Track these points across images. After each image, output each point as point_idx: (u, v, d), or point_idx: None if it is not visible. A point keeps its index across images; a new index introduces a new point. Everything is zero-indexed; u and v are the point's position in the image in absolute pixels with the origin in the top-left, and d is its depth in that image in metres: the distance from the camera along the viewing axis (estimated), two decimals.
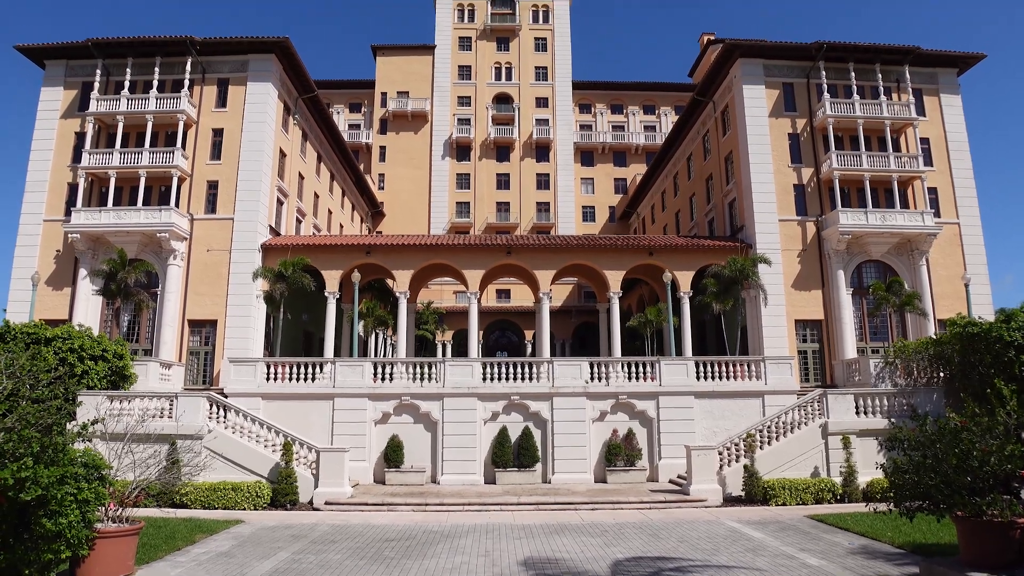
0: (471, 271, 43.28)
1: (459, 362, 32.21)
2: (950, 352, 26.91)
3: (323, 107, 53.09)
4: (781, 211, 42.72)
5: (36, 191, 41.55)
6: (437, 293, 70.20)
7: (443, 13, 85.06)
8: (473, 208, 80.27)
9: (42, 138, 42.45)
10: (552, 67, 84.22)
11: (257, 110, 42.78)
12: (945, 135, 44.95)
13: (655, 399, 31.29)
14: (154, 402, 26.96)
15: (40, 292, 38.59)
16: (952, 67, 46.02)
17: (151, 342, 39.95)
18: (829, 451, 27.18)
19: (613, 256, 43.73)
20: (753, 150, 43.36)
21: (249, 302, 39.93)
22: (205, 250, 40.76)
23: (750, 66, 44.71)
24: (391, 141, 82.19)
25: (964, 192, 43.90)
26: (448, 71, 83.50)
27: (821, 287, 41.88)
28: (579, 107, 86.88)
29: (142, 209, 39.82)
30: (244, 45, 43.19)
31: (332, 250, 43.00)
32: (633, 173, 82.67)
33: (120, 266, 36.31)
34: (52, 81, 43.50)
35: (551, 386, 31.27)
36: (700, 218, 53.87)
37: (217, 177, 41.99)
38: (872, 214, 41.09)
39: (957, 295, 40.98)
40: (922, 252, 41.77)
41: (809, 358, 41.39)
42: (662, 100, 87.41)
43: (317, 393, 31.13)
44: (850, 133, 44.22)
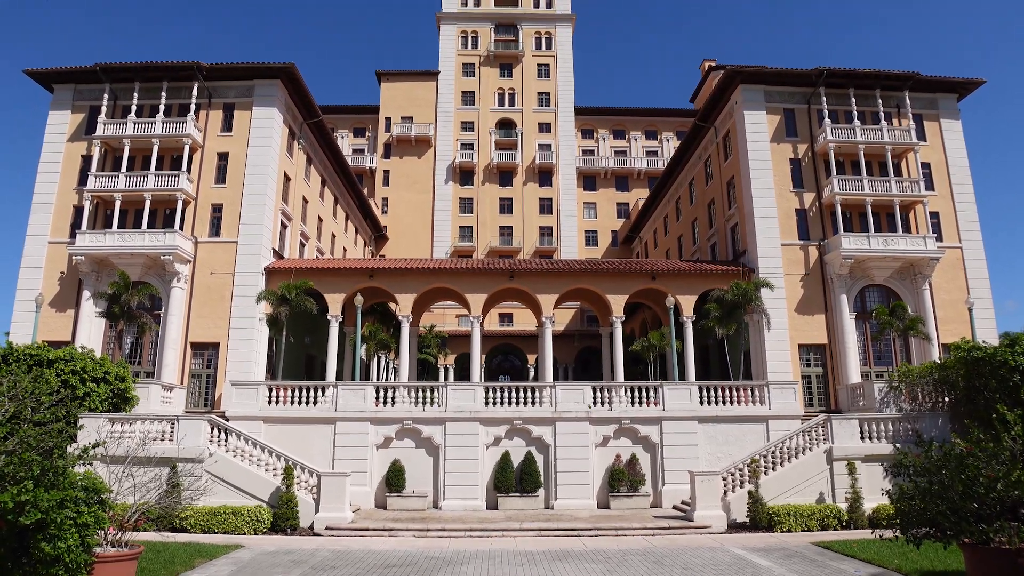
0: (474, 295, 43.30)
1: (461, 386, 32.12)
2: (955, 377, 26.80)
3: (327, 132, 53.52)
4: (783, 235, 42.78)
5: (41, 213, 41.80)
6: (440, 317, 70.17)
7: (447, 40, 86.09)
8: (476, 232, 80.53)
9: (49, 161, 42.80)
10: (554, 93, 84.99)
11: (262, 134, 43.14)
12: (946, 160, 45.13)
13: (658, 424, 31.13)
14: (155, 425, 26.88)
15: (43, 314, 38.65)
16: (952, 92, 46.34)
17: (153, 364, 39.91)
18: (834, 477, 26.97)
19: (615, 280, 43.75)
20: (755, 175, 43.54)
21: (252, 325, 39.93)
22: (209, 273, 40.87)
23: (751, 92, 45.06)
24: (395, 165, 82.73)
25: (966, 216, 43.96)
26: (452, 97, 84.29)
27: (824, 311, 41.80)
28: (581, 132, 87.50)
29: (147, 232, 40.00)
30: (250, 70, 43.67)
31: (335, 273, 43.08)
32: (635, 198, 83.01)
33: (123, 288, 36.41)
34: (60, 105, 43.97)
35: (554, 411, 31.14)
36: (702, 242, 53.96)
37: (222, 200, 42.24)
38: (874, 238, 41.13)
39: (961, 319, 40.87)
40: (925, 276, 41.73)
41: (813, 383, 41.19)
42: (664, 125, 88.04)
43: (319, 417, 31.01)
44: (851, 158, 44.42)
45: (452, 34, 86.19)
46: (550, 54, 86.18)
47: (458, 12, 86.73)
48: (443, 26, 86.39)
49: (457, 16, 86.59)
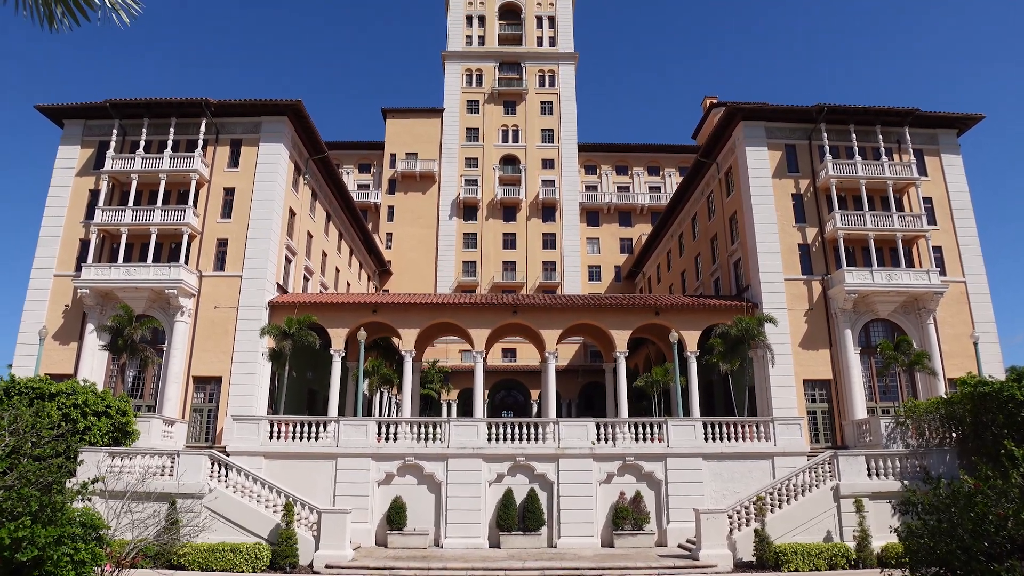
0: (477, 330, 43.24)
1: (464, 422, 31.91)
2: (962, 412, 26.57)
3: (333, 167, 54.06)
4: (786, 270, 42.80)
5: (48, 246, 42.09)
6: (443, 352, 70.00)
7: (452, 78, 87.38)
8: (479, 267, 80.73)
9: (57, 195, 43.24)
10: (558, 129, 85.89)
11: (268, 170, 43.58)
12: (948, 194, 45.30)
13: (663, 461, 30.82)
14: (155, 460, 26.69)
15: (47, 346, 38.68)
16: (952, 128, 46.70)
17: (155, 398, 39.78)
18: (841, 514, 26.59)
19: (619, 316, 43.69)
20: (757, 210, 43.73)
21: (254, 359, 39.86)
22: (212, 307, 40.95)
23: (752, 128, 45.48)
24: (399, 201, 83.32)
25: (969, 250, 43.98)
26: (456, 133, 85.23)
27: (829, 346, 41.60)
28: (584, 168, 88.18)
29: (152, 265, 40.20)
30: (258, 107, 44.29)
31: (338, 308, 43.13)
32: (638, 233, 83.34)
33: (127, 322, 36.47)
34: (69, 140, 44.58)
35: (557, 447, 30.87)
36: (706, 277, 53.99)
37: (227, 235, 42.52)
38: (878, 273, 41.10)
39: (966, 354, 40.63)
40: (929, 311, 41.60)
41: (818, 418, 40.81)
42: (666, 161, 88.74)
43: (320, 453, 30.78)
44: (853, 193, 44.63)
45: (457, 72, 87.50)
46: (553, 91, 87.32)
47: (463, 51, 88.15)
48: (448, 64, 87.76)
49: (462, 55, 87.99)
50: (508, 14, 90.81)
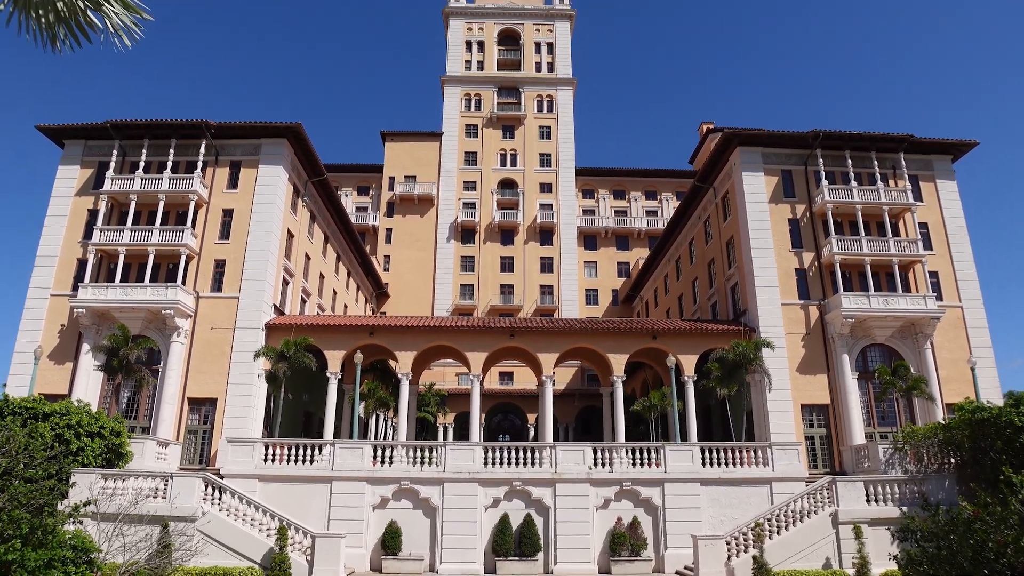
0: (474, 353, 43.11)
1: (460, 446, 31.73)
2: (960, 438, 26.48)
3: (332, 190, 54.25)
4: (783, 295, 42.86)
5: (45, 266, 42.02)
6: (439, 375, 69.75)
7: (451, 102, 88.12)
8: (477, 290, 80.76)
9: (55, 214, 43.27)
10: (556, 154, 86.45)
11: (267, 192, 43.72)
12: (943, 220, 45.54)
13: (660, 486, 30.61)
14: (148, 482, 26.45)
15: (42, 366, 38.45)
16: (946, 154, 47.07)
17: (150, 419, 39.51)
18: (840, 541, 26.38)
19: (616, 339, 43.63)
20: (754, 235, 43.89)
21: (250, 381, 39.67)
22: (209, 328, 40.83)
23: (749, 154, 45.80)
24: (397, 224, 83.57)
25: (965, 276, 44.11)
26: (455, 157, 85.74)
27: (826, 371, 41.54)
28: (582, 192, 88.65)
29: (148, 286, 40.13)
30: (257, 129, 44.54)
31: (335, 330, 43.02)
32: (636, 257, 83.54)
33: (123, 342, 36.33)
34: (69, 160, 44.72)
35: (554, 472, 30.66)
36: (703, 302, 54.02)
37: (225, 256, 42.53)
38: (874, 298, 41.16)
39: (964, 379, 40.56)
40: (926, 335, 41.61)
41: (816, 443, 40.63)
42: (663, 186, 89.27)
43: (315, 476, 30.53)
44: (849, 218, 44.83)
45: (456, 96, 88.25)
46: (551, 116, 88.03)
47: (462, 76, 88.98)
48: (447, 89, 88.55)
49: (461, 79, 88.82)
50: (507, 40, 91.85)
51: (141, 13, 6.54)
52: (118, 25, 6.43)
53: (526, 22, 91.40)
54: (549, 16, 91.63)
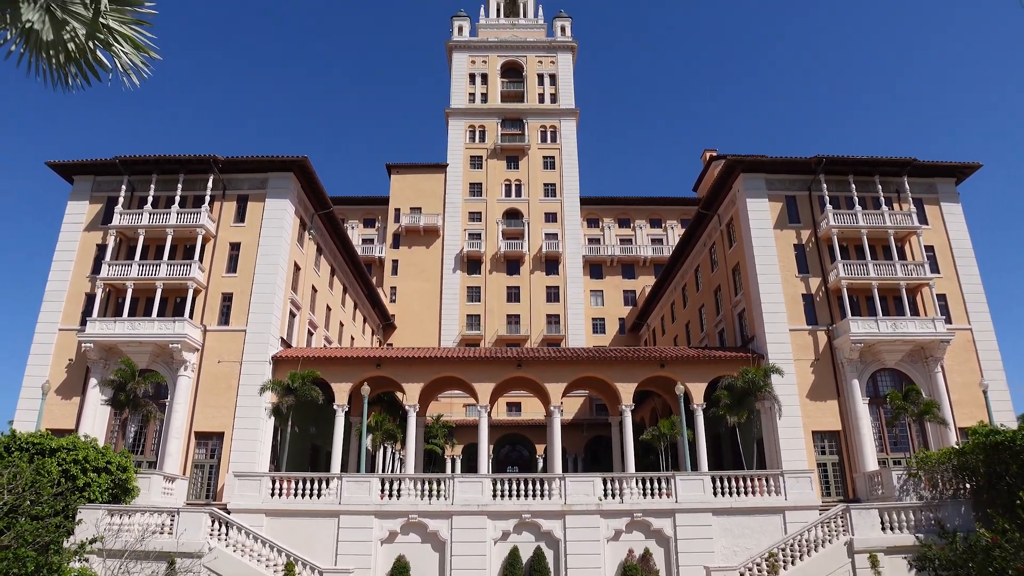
0: (481, 384, 42.91)
1: (468, 478, 31.47)
2: (975, 462, 26.13)
3: (338, 222, 54.58)
4: (791, 321, 42.66)
5: (54, 300, 42.26)
6: (447, 406, 69.39)
7: (455, 134, 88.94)
8: (483, 321, 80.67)
9: (64, 249, 43.62)
10: (560, 184, 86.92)
11: (274, 225, 44.01)
12: (949, 242, 45.43)
13: (671, 517, 30.21)
14: (155, 517, 26.28)
15: (49, 401, 38.44)
16: (950, 177, 47.12)
17: (156, 454, 39.34)
18: (856, 570, 25.94)
19: (624, 368, 43.39)
20: (760, 261, 43.84)
21: (257, 414, 39.53)
22: (216, 361, 40.84)
23: (752, 180, 45.95)
24: (403, 255, 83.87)
25: (973, 298, 43.86)
26: (460, 188, 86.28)
27: (836, 397, 41.16)
28: (587, 221, 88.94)
29: (156, 320, 40.27)
30: (264, 163, 44.98)
31: (342, 363, 42.95)
32: (642, 285, 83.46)
33: (130, 376, 36.37)
34: (79, 195, 45.21)
35: (563, 503, 30.32)
36: (710, 329, 53.81)
37: (232, 289, 42.70)
38: (883, 322, 40.91)
39: (976, 402, 40.08)
40: (936, 359, 41.25)
41: (829, 471, 40.09)
42: (668, 214, 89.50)
43: (322, 510, 30.28)
44: (855, 243, 44.76)
45: (460, 128, 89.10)
46: (555, 146, 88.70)
47: (466, 108, 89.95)
48: (452, 121, 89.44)
49: (465, 111, 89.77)
50: (510, 72, 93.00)
51: (150, 53, 6.65)
52: (127, 64, 6.54)
53: (529, 54, 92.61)
54: (551, 48, 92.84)
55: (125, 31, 6.49)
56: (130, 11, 6.49)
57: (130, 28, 6.55)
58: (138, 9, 6.55)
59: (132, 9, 6.51)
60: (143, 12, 6.59)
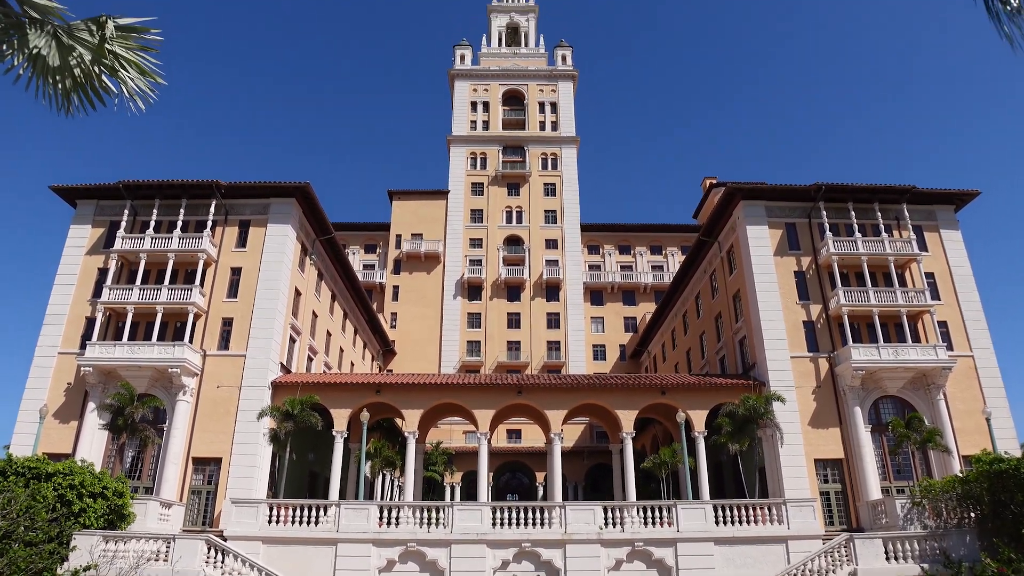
0: (481, 411, 42.67)
1: (468, 506, 31.17)
2: (979, 491, 25.89)
3: (339, 248, 54.72)
4: (792, 348, 42.56)
5: (54, 324, 42.19)
6: (447, 433, 68.95)
7: (457, 161, 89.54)
8: (484, 347, 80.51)
9: (66, 273, 43.67)
10: (561, 210, 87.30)
11: (275, 250, 44.12)
12: (949, 269, 45.45)
13: (673, 546, 29.87)
14: (150, 544, 25.99)
15: (46, 425, 38.15)
16: (949, 204, 47.30)
17: (153, 479, 39.02)
18: None
19: (625, 395, 43.18)
20: (760, 288, 43.86)
21: (256, 440, 39.28)
22: (215, 386, 40.68)
23: (752, 208, 46.14)
24: (404, 281, 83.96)
25: (975, 325, 43.77)
26: (461, 214, 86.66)
27: (839, 424, 40.90)
28: (588, 248, 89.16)
29: (156, 344, 40.20)
30: (267, 189, 45.22)
31: (342, 388, 42.78)
32: (642, 312, 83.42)
33: (128, 401, 36.21)
34: (81, 219, 45.38)
35: (564, 532, 29.99)
36: (711, 356, 53.66)
37: (232, 314, 42.69)
38: (884, 349, 40.79)
39: (979, 430, 39.77)
40: (939, 386, 41.05)
41: (832, 499, 39.69)
42: (668, 241, 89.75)
43: (320, 538, 29.95)
44: (855, 269, 44.79)
45: (462, 155, 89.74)
46: (556, 174, 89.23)
47: (468, 135, 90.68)
48: (453, 148, 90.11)
49: (467, 139, 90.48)
50: (511, 100, 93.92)
51: (156, 78, 6.73)
52: (133, 90, 6.61)
53: (530, 83, 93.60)
54: (552, 77, 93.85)
55: (131, 57, 6.58)
56: (136, 37, 6.58)
57: (136, 54, 6.63)
58: (144, 36, 6.64)
59: (138, 36, 6.60)
60: (149, 39, 6.68)
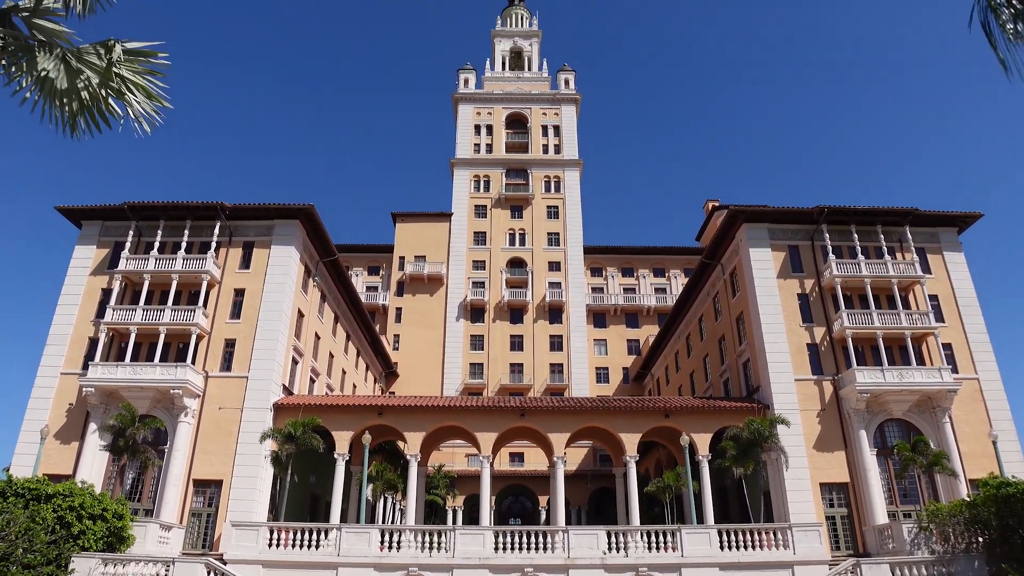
0: (484, 434, 42.42)
1: (470, 530, 30.94)
2: (986, 515, 25.64)
3: (343, 270, 54.83)
4: (796, 370, 42.36)
5: (57, 344, 42.16)
6: (449, 456, 68.58)
7: (460, 183, 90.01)
8: (487, 369, 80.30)
9: (70, 293, 43.72)
10: (564, 233, 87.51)
11: (279, 272, 44.22)
12: (953, 291, 45.30)
13: (677, 572, 29.58)
14: (149, 567, 25.80)
15: (47, 446, 37.97)
16: (951, 226, 47.28)
17: (153, 501, 38.74)
18: None
19: (628, 418, 42.94)
20: (764, 311, 43.77)
21: (257, 462, 39.06)
22: (217, 408, 40.56)
23: (755, 230, 46.18)
24: (407, 303, 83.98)
25: (979, 347, 43.52)
26: (464, 237, 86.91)
27: (844, 448, 40.58)
28: (591, 270, 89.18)
29: (158, 365, 40.14)
30: (271, 211, 45.42)
31: (344, 411, 42.62)
32: (646, 334, 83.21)
33: (130, 422, 36.10)
34: (86, 240, 45.52)
35: (567, 557, 29.70)
36: (715, 378, 53.43)
37: (235, 335, 42.68)
38: (889, 372, 40.57)
39: (986, 453, 39.40)
40: (944, 409, 40.75)
41: (838, 524, 39.24)
42: (671, 263, 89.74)
43: (320, 562, 29.70)
44: (858, 292, 44.69)
45: (465, 178, 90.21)
46: (559, 196, 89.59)
47: (471, 158, 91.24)
48: (457, 171, 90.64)
49: (470, 162, 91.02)
50: (515, 123, 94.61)
51: (162, 102, 6.81)
52: (139, 113, 6.68)
53: (533, 107, 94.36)
54: (555, 101, 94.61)
55: (138, 80, 6.65)
56: (143, 61, 6.66)
57: (143, 77, 6.71)
58: (151, 60, 6.72)
59: (145, 59, 6.68)
60: (156, 63, 6.76)
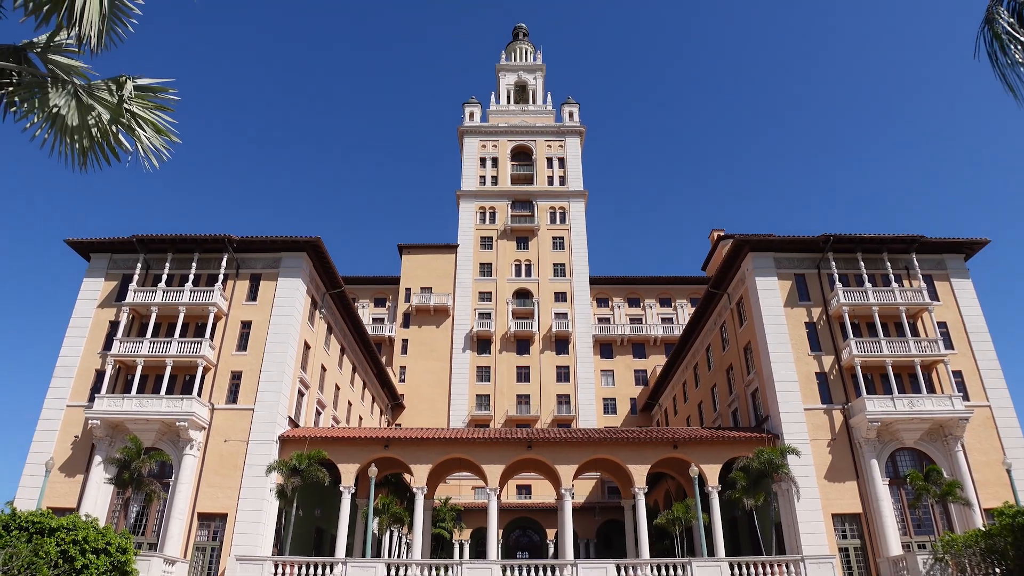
0: (490, 466, 42.07)
1: (477, 564, 30.59)
2: (1003, 545, 25.13)
3: (349, 302, 54.98)
4: (805, 400, 42.02)
5: (63, 376, 42.26)
6: (455, 488, 67.96)
7: (466, 215, 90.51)
8: (493, 401, 79.87)
9: (77, 326, 43.96)
10: (569, 264, 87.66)
11: (286, 304, 44.39)
12: (962, 318, 45.04)
13: None
14: None
15: (52, 478, 37.86)
16: (958, 253, 47.17)
17: (158, 535, 38.45)
18: None
19: (636, 449, 42.56)
20: (771, 340, 43.57)
21: (262, 496, 38.80)
22: (223, 440, 40.43)
23: (761, 259, 46.19)
24: (413, 334, 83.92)
25: (990, 374, 43.13)
26: (470, 268, 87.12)
27: (855, 478, 40.06)
28: (597, 301, 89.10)
29: (164, 397, 40.13)
30: (278, 243, 45.76)
31: (350, 443, 42.40)
32: (653, 364, 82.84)
33: (135, 455, 35.98)
34: (95, 273, 45.90)
35: None
36: (723, 408, 53.02)
37: (241, 368, 42.71)
38: (899, 400, 40.18)
39: (1000, 481, 38.81)
40: (956, 437, 40.26)
41: (851, 556, 38.56)
42: (677, 293, 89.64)
43: None
44: (866, 320, 44.52)
45: (471, 210, 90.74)
46: (564, 227, 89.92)
47: (476, 190, 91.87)
48: (462, 203, 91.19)
49: (476, 194, 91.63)
50: (520, 155, 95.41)
51: (171, 136, 6.94)
52: (148, 148, 6.81)
53: (538, 139, 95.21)
54: (560, 133, 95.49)
55: (148, 116, 6.79)
56: (153, 97, 6.81)
57: (152, 113, 6.85)
58: (161, 95, 6.87)
59: (155, 95, 6.83)
60: (166, 98, 6.91)
